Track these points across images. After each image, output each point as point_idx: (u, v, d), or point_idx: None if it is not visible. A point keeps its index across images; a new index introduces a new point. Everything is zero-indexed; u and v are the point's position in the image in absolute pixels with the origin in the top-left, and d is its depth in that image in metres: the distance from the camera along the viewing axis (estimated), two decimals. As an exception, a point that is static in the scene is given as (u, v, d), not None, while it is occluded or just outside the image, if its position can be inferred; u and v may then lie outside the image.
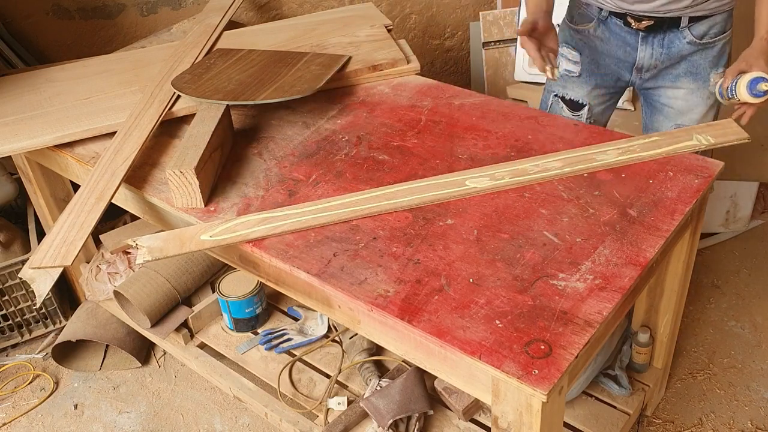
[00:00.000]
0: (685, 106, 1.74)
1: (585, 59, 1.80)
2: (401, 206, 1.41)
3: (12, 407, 2.09)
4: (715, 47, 1.69)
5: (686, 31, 1.66)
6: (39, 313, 2.25)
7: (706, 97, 1.72)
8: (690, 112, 1.74)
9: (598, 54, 1.77)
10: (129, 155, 1.57)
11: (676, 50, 1.69)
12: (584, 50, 1.79)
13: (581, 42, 1.79)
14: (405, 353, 1.24)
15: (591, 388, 1.78)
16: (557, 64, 1.80)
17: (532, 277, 1.23)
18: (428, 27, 3.04)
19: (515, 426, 1.13)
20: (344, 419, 1.72)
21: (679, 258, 1.63)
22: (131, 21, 2.46)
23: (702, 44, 1.67)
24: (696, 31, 1.65)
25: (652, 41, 1.69)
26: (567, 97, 1.87)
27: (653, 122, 1.82)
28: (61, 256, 1.38)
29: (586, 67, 1.81)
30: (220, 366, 1.97)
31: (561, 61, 1.84)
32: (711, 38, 1.66)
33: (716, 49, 1.69)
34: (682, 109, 1.75)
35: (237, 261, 1.46)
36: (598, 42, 1.75)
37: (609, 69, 1.78)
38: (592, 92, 1.83)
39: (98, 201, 1.47)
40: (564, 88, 1.87)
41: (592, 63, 1.79)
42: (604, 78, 1.80)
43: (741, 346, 2.12)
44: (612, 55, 1.75)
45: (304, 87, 1.71)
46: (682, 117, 1.76)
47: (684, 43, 1.67)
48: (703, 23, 1.65)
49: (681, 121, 1.76)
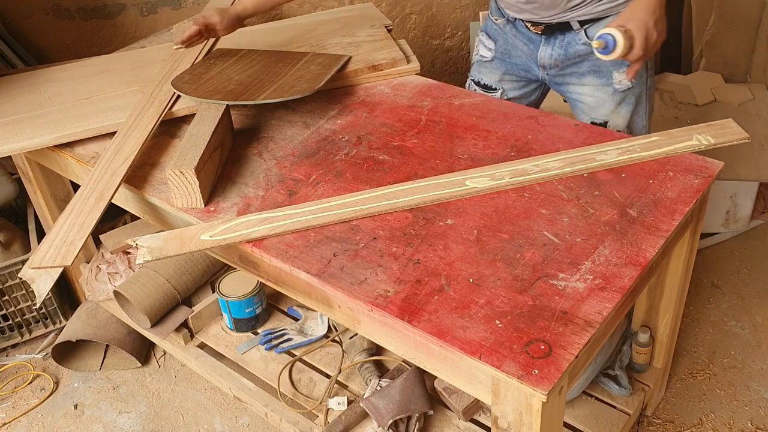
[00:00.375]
0: (594, 102, 1.80)
1: (498, 48, 1.90)
2: (401, 206, 1.41)
3: (12, 407, 2.09)
4: None
5: (581, 33, 1.72)
6: (39, 313, 2.25)
7: (610, 93, 1.78)
8: (599, 108, 1.80)
9: (511, 45, 1.87)
10: (129, 155, 1.57)
11: (573, 51, 1.76)
12: (498, 39, 1.90)
13: (497, 32, 1.90)
14: (405, 353, 1.24)
15: (591, 388, 1.78)
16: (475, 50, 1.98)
17: (532, 277, 1.23)
18: (428, 27, 3.04)
19: (515, 426, 1.13)
20: (344, 419, 1.72)
21: (679, 258, 1.63)
22: (131, 21, 2.46)
23: None
24: (591, 32, 1.71)
25: (552, 42, 1.77)
26: (481, 82, 1.98)
27: (576, 115, 1.89)
28: (61, 256, 1.38)
29: (499, 55, 1.91)
30: (220, 366, 1.98)
31: (479, 47, 1.97)
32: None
33: None
34: (592, 104, 1.81)
35: (237, 261, 1.46)
36: (510, 36, 1.86)
37: (520, 60, 1.87)
38: (503, 78, 1.93)
39: (98, 201, 1.47)
40: (479, 72, 1.98)
41: (504, 53, 1.90)
42: (515, 67, 1.90)
43: (741, 346, 2.12)
44: (521, 49, 1.85)
45: (304, 87, 1.71)
46: (594, 112, 1.82)
47: (580, 44, 1.74)
48: (596, 25, 1.70)
49: (594, 115, 1.82)
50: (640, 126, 1.84)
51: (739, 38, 3.03)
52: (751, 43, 3.01)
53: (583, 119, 1.85)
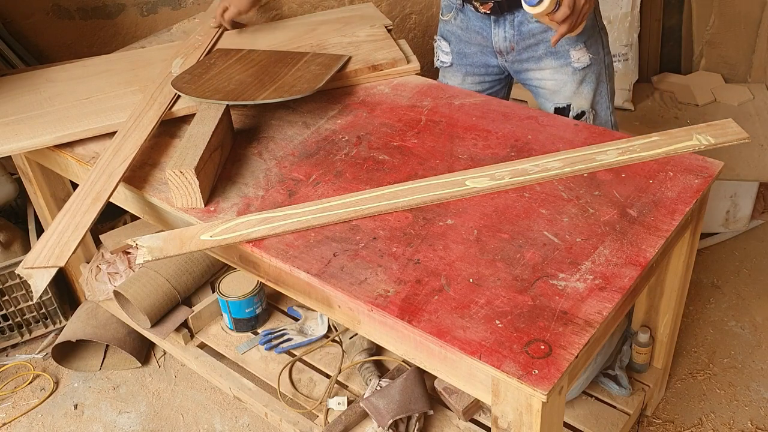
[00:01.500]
0: (555, 86, 1.78)
1: (453, 48, 1.88)
2: (401, 206, 1.41)
3: (12, 407, 2.09)
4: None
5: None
6: (39, 313, 2.25)
7: (570, 73, 1.76)
8: (561, 90, 1.78)
9: (463, 43, 1.85)
10: (127, 156, 1.57)
11: (526, 30, 1.73)
12: (451, 39, 1.87)
13: (449, 32, 1.88)
14: (405, 353, 1.24)
15: (591, 388, 1.78)
16: (436, 55, 1.95)
17: (532, 277, 1.23)
18: (428, 27, 3.04)
19: (515, 426, 1.13)
20: (344, 419, 1.72)
21: (679, 258, 1.63)
22: (131, 21, 2.46)
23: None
24: None
25: (503, 23, 1.74)
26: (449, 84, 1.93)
27: (539, 104, 1.88)
28: (55, 256, 1.36)
29: (456, 57, 1.89)
30: (220, 366, 1.98)
31: (438, 52, 1.95)
32: None
33: None
34: (553, 88, 1.79)
35: (237, 261, 1.46)
36: (460, 32, 1.83)
37: (475, 57, 1.85)
38: (465, 80, 1.91)
39: (95, 202, 1.47)
40: (444, 78, 1.97)
41: (459, 54, 1.87)
42: (473, 66, 1.87)
43: (741, 346, 2.12)
44: (473, 42, 1.82)
45: (304, 87, 1.71)
46: (556, 96, 1.80)
47: (533, 21, 1.70)
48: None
49: (556, 100, 1.80)
50: (604, 107, 1.81)
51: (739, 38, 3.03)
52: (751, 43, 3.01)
53: (547, 107, 1.84)
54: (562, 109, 1.81)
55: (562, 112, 1.82)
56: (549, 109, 1.83)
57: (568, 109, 1.80)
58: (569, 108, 1.80)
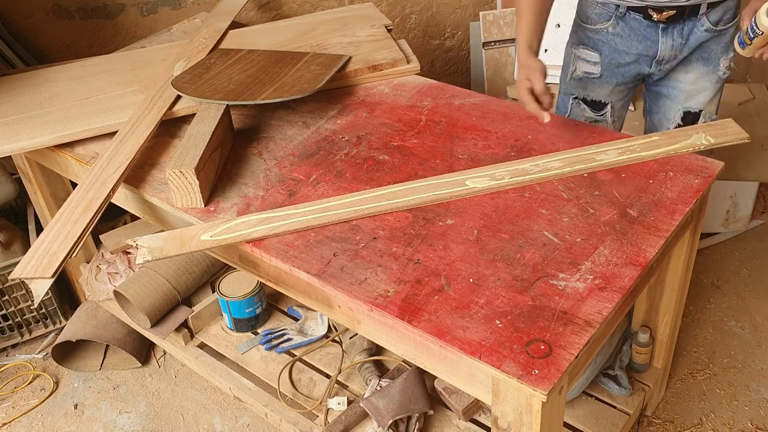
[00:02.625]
0: (694, 90, 1.75)
1: (604, 59, 1.78)
2: (401, 206, 1.41)
3: (12, 407, 2.09)
4: (727, 33, 1.70)
5: (704, 19, 1.65)
6: (39, 313, 2.25)
7: (714, 81, 1.74)
8: (698, 96, 1.75)
9: (618, 52, 1.75)
10: (121, 164, 1.55)
11: (694, 39, 1.68)
12: (603, 49, 1.77)
13: (600, 41, 1.77)
14: (405, 353, 1.24)
15: (591, 388, 1.78)
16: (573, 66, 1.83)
17: (532, 277, 1.23)
18: (428, 27, 3.04)
19: (515, 426, 1.13)
20: (344, 419, 1.72)
21: (679, 258, 1.63)
22: (131, 21, 2.46)
23: (717, 31, 1.68)
24: (713, 17, 1.65)
25: (672, 32, 1.68)
26: (588, 99, 1.85)
27: (659, 107, 1.82)
28: (43, 267, 1.34)
29: (606, 67, 1.79)
30: (220, 366, 1.97)
31: (578, 63, 1.83)
32: (724, 24, 1.68)
33: (728, 35, 1.71)
34: (691, 92, 1.75)
35: (237, 261, 1.46)
36: (618, 39, 1.74)
37: (629, 66, 1.77)
38: (614, 90, 1.82)
39: (86, 211, 1.45)
40: (584, 89, 1.85)
41: (612, 62, 1.78)
42: (625, 75, 1.79)
43: (741, 346, 2.12)
44: (632, 51, 1.74)
45: (304, 87, 1.71)
46: (690, 100, 1.76)
47: (702, 30, 1.67)
48: (718, 9, 1.65)
49: (689, 104, 1.76)
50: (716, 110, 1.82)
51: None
52: None
53: (673, 110, 1.78)
54: (693, 113, 1.77)
55: (691, 118, 1.77)
56: (676, 112, 1.78)
57: (699, 114, 1.76)
58: (700, 114, 1.76)
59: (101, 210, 1.46)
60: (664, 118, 1.82)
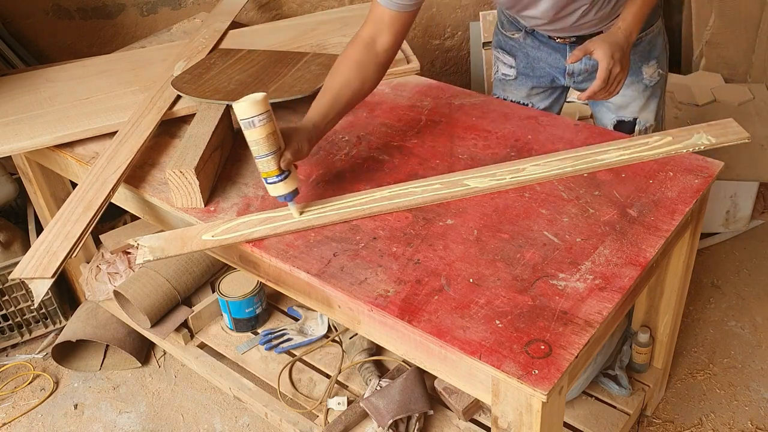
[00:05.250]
0: (623, 101, 1.77)
1: (520, 63, 1.82)
2: (401, 206, 1.41)
3: (12, 407, 2.09)
4: (643, 42, 1.70)
5: None
6: (39, 313, 2.25)
7: (641, 90, 1.75)
8: (629, 106, 1.77)
9: (531, 59, 1.80)
10: (121, 164, 1.55)
11: None
12: (518, 54, 1.82)
13: (514, 47, 1.82)
14: (405, 353, 1.24)
15: (591, 388, 1.78)
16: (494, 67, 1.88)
17: (532, 277, 1.23)
18: (428, 27, 3.04)
19: (515, 426, 1.13)
20: (344, 419, 1.72)
21: (679, 258, 1.63)
22: (131, 21, 2.46)
23: None
24: None
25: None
26: (509, 99, 1.89)
27: (598, 113, 1.86)
28: (42, 267, 1.34)
29: (522, 71, 1.83)
30: (220, 366, 1.97)
31: (498, 65, 1.89)
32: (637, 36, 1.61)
33: (644, 44, 1.71)
34: (620, 103, 1.77)
35: (237, 261, 1.46)
36: (530, 49, 1.78)
37: (544, 71, 1.81)
38: (531, 93, 1.86)
39: (86, 211, 1.45)
40: (504, 90, 1.90)
41: (527, 67, 1.82)
42: (540, 79, 1.83)
43: (741, 346, 2.12)
44: (543, 61, 1.78)
45: (304, 87, 1.71)
46: (623, 111, 1.79)
47: None
48: None
49: (622, 114, 1.79)
50: (660, 117, 1.81)
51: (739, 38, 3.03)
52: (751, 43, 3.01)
53: (608, 118, 1.81)
54: (627, 122, 1.79)
55: (624, 126, 1.79)
56: (610, 120, 1.81)
57: (634, 123, 1.78)
58: (635, 122, 1.78)
59: (101, 210, 1.46)
60: (601, 124, 1.85)
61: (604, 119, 1.83)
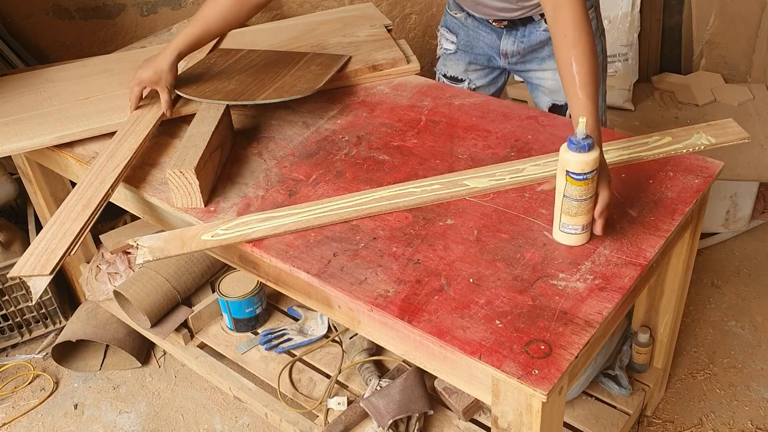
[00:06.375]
0: (556, 85, 1.83)
1: (460, 40, 1.93)
2: (401, 206, 1.41)
3: (12, 407, 2.09)
4: None
5: (542, 22, 1.76)
6: (39, 313, 2.25)
7: None
8: (560, 90, 1.81)
9: (471, 37, 1.90)
10: (120, 162, 1.55)
11: (535, 39, 1.79)
12: (459, 32, 1.92)
13: (456, 25, 1.92)
14: (405, 353, 1.24)
15: (591, 388, 1.78)
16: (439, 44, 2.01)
17: (532, 277, 1.23)
18: (428, 27, 3.04)
19: (515, 426, 1.13)
20: (344, 419, 1.72)
21: (679, 258, 1.63)
22: (131, 21, 2.46)
23: None
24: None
25: (513, 33, 1.80)
26: (448, 74, 1.99)
27: (535, 98, 1.93)
28: (41, 265, 1.34)
29: (462, 47, 1.94)
30: (220, 366, 1.98)
31: (441, 41, 2.00)
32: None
33: None
34: (553, 87, 1.84)
35: (237, 261, 1.46)
36: (470, 28, 1.89)
37: (482, 50, 1.90)
38: (469, 68, 1.95)
39: (84, 209, 1.44)
40: (445, 66, 2.00)
41: (466, 44, 1.92)
42: (478, 57, 1.92)
43: (741, 346, 2.12)
44: (482, 39, 1.88)
45: (304, 87, 1.71)
46: (556, 95, 1.85)
47: (541, 31, 1.77)
48: None
49: (555, 98, 1.85)
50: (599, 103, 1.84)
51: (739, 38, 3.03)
52: (751, 43, 3.01)
53: (544, 102, 1.88)
54: (560, 107, 1.85)
55: (558, 110, 1.85)
56: (545, 104, 1.88)
57: (566, 107, 1.82)
58: (566, 106, 1.82)
59: (100, 208, 1.46)
60: (538, 107, 1.93)
61: (541, 103, 1.90)
